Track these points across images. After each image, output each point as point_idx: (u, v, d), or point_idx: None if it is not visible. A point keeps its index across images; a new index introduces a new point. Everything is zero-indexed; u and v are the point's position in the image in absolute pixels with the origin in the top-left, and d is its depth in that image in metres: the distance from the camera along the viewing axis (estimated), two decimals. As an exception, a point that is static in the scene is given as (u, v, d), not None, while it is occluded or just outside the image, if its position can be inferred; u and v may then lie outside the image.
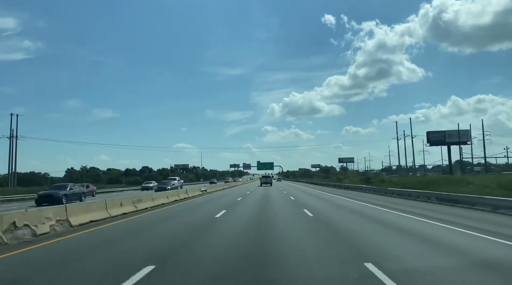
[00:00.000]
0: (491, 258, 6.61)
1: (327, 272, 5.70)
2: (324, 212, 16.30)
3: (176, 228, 11.60)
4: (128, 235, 10.17)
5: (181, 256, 6.95)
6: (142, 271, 5.68)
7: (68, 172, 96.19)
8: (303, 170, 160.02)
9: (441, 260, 6.50)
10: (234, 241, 8.66)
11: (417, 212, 15.17)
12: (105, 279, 5.37)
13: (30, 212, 10.11)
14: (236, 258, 6.72)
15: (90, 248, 8.24)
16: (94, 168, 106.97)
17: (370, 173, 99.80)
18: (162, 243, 8.52)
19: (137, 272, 5.61)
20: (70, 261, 6.83)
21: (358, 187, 39.86)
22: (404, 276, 5.29)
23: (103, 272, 5.81)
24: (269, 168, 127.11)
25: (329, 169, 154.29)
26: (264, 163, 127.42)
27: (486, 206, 15.40)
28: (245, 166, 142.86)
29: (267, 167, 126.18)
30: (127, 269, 5.82)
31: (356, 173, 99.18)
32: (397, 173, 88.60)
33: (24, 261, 6.99)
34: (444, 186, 24.45)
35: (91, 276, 5.62)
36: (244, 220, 13.10)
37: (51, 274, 5.90)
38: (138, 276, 5.43)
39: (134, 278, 5.33)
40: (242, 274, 5.59)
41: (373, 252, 7.01)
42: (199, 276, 5.53)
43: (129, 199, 17.72)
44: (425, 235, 9.19)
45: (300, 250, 7.56)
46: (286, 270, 5.87)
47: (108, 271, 5.85)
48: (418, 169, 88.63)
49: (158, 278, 5.40)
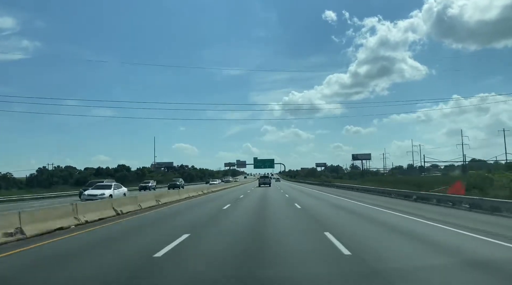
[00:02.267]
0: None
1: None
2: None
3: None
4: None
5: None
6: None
7: (39, 171, 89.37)
8: (307, 169, 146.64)
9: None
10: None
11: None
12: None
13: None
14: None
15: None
16: (70, 166, 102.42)
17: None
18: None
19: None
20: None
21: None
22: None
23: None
24: (268, 166, 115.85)
25: (336, 168, 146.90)
26: (262, 160, 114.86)
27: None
28: (239, 163, 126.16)
29: (266, 164, 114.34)
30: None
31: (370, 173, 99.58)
32: (409, 173, 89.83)
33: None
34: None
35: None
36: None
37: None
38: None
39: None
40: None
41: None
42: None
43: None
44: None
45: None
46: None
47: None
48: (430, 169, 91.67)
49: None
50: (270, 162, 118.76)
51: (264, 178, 64.25)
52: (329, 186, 56.07)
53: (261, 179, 63.69)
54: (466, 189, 21.41)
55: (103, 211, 14.28)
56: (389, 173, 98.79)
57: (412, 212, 15.81)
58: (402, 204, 20.64)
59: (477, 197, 17.15)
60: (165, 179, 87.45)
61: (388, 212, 16.21)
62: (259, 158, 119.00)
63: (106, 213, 14.35)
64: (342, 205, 20.46)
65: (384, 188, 31.32)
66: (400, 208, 17.85)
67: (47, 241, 9.24)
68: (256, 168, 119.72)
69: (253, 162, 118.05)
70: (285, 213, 16.69)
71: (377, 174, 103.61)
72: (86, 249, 8.42)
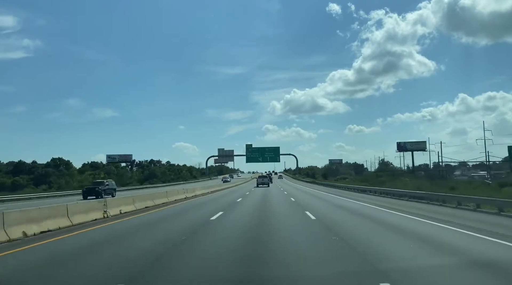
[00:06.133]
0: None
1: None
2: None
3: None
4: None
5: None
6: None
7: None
8: (324, 167, 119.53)
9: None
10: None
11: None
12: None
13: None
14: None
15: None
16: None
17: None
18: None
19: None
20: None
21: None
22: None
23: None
24: (271, 159, 75.90)
25: (359, 166, 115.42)
26: (261, 148, 75.88)
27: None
28: (223, 155, 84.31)
29: (266, 156, 74.23)
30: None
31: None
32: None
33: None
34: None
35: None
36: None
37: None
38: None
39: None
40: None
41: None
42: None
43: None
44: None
45: None
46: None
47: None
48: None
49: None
50: (274, 151, 76.27)
51: (263, 177, 60.92)
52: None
53: (259, 178, 59.81)
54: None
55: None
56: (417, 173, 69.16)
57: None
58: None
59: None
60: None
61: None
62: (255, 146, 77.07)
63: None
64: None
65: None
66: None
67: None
68: (249, 162, 76.52)
69: (246, 152, 76.13)
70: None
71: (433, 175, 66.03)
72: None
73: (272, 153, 76.19)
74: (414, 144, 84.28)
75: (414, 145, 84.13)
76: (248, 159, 74.66)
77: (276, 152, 76.91)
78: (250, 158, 74.58)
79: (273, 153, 76.26)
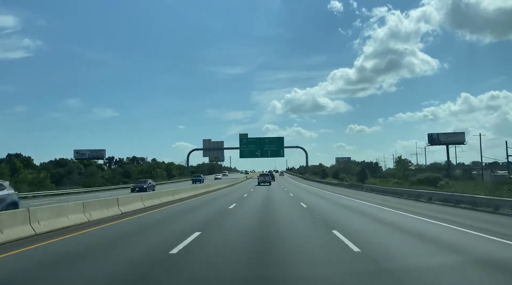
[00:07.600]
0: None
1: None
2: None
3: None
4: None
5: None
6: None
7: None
8: (338, 164, 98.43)
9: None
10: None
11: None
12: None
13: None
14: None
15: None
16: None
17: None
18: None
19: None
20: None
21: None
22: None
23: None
24: (273, 153, 63.54)
25: (369, 164, 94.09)
26: (257, 139, 62.60)
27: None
28: (210, 148, 66.32)
29: (265, 149, 61.99)
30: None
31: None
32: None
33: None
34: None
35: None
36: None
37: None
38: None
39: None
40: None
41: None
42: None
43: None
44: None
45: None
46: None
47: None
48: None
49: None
50: (276, 143, 60.97)
51: (264, 176, 55.78)
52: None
53: (261, 177, 55.18)
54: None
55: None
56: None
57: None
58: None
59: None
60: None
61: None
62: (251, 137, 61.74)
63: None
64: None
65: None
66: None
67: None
68: (246, 156, 62.25)
69: (239, 144, 60.74)
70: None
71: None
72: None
73: (274, 145, 62.60)
74: (449, 136, 69.67)
75: (449, 137, 69.46)
76: (242, 153, 60.79)
77: (279, 144, 63.24)
78: (245, 152, 60.66)
79: (274, 145, 62.66)
